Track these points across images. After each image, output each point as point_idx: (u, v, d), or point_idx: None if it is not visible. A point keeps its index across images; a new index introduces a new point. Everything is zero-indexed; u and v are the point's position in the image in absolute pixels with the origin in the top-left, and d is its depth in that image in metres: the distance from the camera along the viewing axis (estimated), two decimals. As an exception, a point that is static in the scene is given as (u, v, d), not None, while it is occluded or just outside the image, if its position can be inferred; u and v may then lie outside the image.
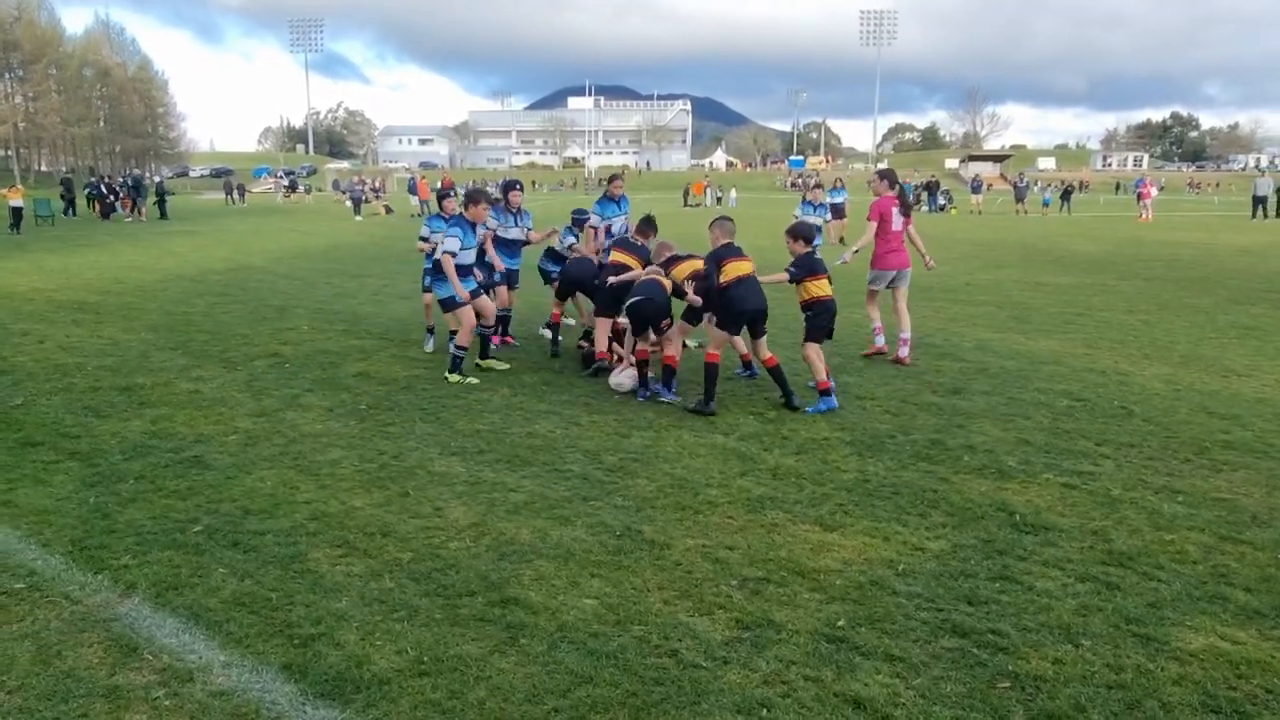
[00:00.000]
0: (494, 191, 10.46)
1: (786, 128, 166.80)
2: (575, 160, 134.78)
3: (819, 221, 17.94)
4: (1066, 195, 48.18)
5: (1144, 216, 38.21)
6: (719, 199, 59.93)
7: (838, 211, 25.32)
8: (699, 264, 7.49)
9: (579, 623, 3.77)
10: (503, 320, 9.47)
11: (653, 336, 7.79)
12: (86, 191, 42.02)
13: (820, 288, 7.36)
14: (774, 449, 6.18)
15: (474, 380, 7.99)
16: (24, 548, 4.47)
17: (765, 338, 7.44)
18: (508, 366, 8.58)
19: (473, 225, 8.24)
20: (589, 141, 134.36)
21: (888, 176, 9.29)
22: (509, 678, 3.36)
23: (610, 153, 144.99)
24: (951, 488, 5.43)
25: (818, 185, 22.38)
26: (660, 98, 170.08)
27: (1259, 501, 5.24)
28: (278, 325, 10.84)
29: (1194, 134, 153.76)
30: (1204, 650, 3.59)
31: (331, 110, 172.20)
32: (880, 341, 9.24)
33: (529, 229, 9.87)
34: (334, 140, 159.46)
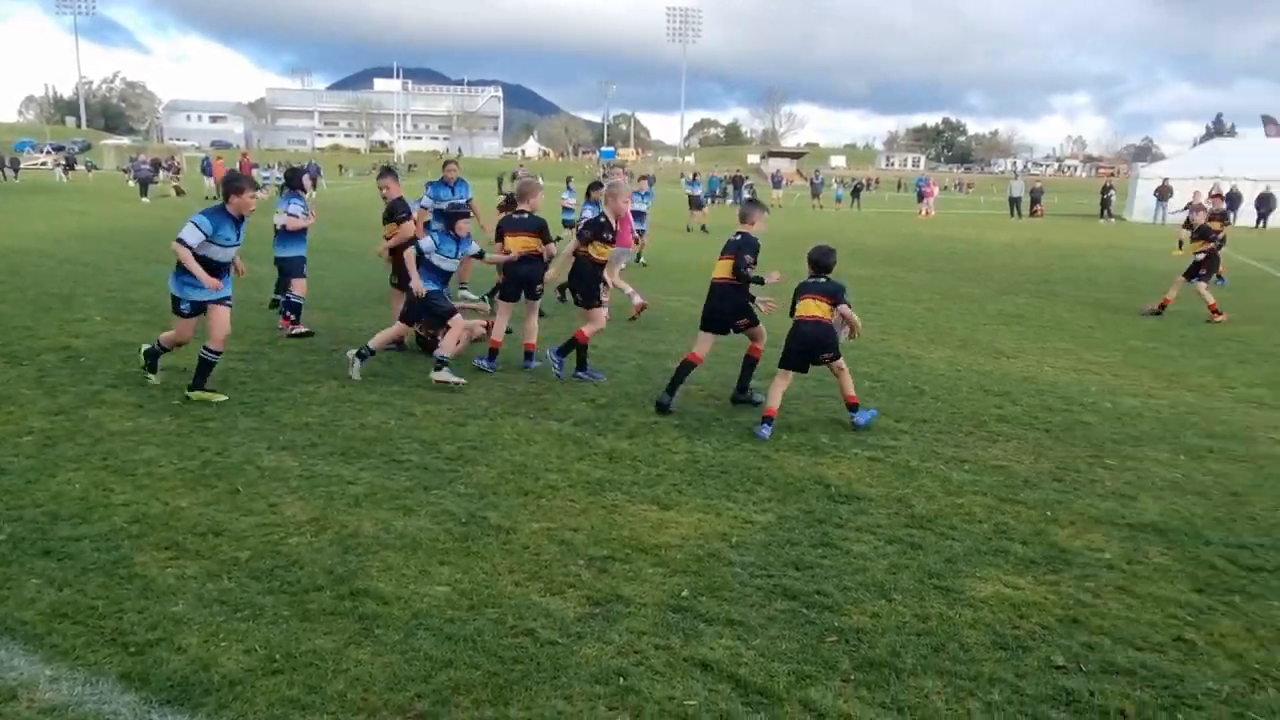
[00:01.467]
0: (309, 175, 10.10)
1: (597, 119, 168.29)
2: (383, 144, 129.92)
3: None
4: (856, 192, 51.73)
5: (924, 213, 41.78)
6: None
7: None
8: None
9: (433, 609, 3.81)
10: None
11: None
12: None
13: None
14: (607, 433, 6.40)
15: (221, 397, 6.81)
16: None
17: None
18: (225, 399, 6.82)
19: (237, 220, 6.74)
20: (397, 125, 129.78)
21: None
22: (367, 668, 3.37)
23: (420, 137, 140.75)
24: (774, 465, 5.86)
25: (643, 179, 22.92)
26: (471, 83, 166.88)
27: (1029, 467, 6.00)
28: (65, 316, 9.91)
29: (962, 139, 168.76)
30: (992, 597, 4.13)
31: (107, 80, 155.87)
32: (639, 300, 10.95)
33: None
34: (110, 113, 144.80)
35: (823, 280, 6.79)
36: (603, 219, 7.89)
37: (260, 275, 13.65)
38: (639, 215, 15.92)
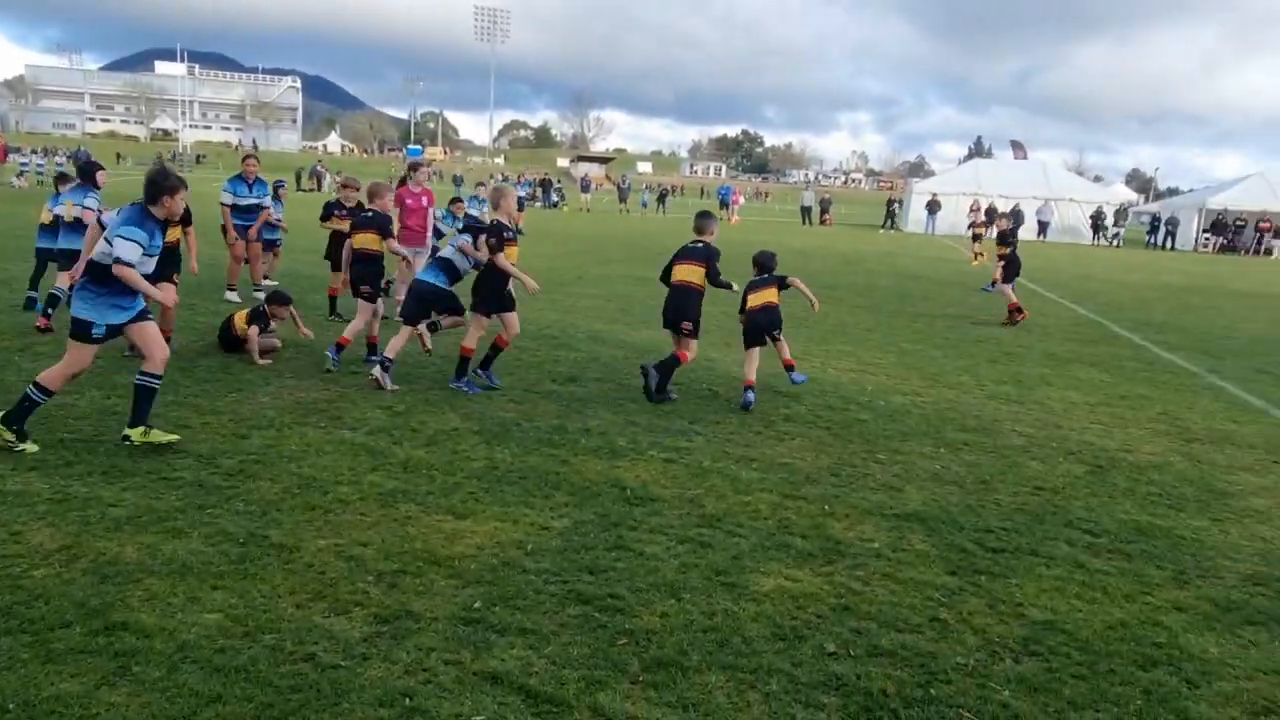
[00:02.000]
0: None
1: (403, 115, 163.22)
2: (166, 133, 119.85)
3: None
4: (662, 198, 53.17)
5: (732, 219, 43.60)
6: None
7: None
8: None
9: (202, 640, 3.55)
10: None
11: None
12: None
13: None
14: (404, 442, 6.23)
15: (173, 437, 5.82)
16: None
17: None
18: (177, 438, 5.85)
19: (164, 225, 5.89)
20: (183, 113, 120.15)
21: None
22: (121, 711, 3.09)
23: (209, 127, 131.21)
24: (572, 469, 5.90)
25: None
26: (266, 71, 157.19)
27: (811, 463, 6.38)
28: None
29: (759, 149, 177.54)
30: (774, 590, 4.35)
31: None
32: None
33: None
34: None
35: (767, 276, 8.46)
36: (498, 223, 7.61)
37: (11, 274, 12.23)
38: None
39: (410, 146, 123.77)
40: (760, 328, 8.16)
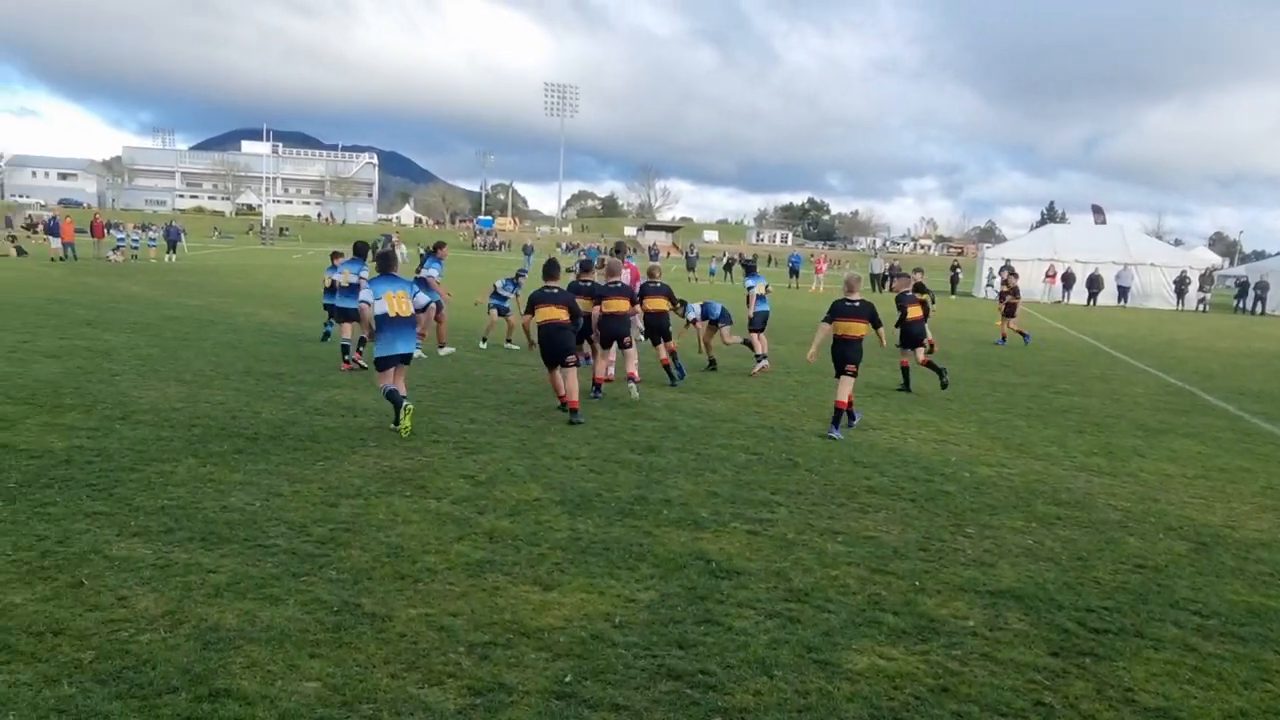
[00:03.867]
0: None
1: (474, 187, 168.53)
2: (250, 207, 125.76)
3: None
4: (729, 266, 53.39)
5: (812, 288, 43.61)
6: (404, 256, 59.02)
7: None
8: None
9: (301, 709, 3.60)
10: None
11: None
12: None
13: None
14: (488, 512, 6.29)
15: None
16: None
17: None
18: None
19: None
20: (266, 189, 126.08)
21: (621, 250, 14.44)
22: (227, 776, 3.14)
23: (290, 201, 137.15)
24: (655, 540, 5.88)
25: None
26: (345, 148, 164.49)
27: (897, 537, 6.24)
28: (-120, 390, 9.03)
29: (826, 217, 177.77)
30: (868, 669, 4.24)
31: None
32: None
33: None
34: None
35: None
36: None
37: (112, 345, 12.88)
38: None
39: (481, 218, 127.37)
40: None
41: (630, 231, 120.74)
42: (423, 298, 9.29)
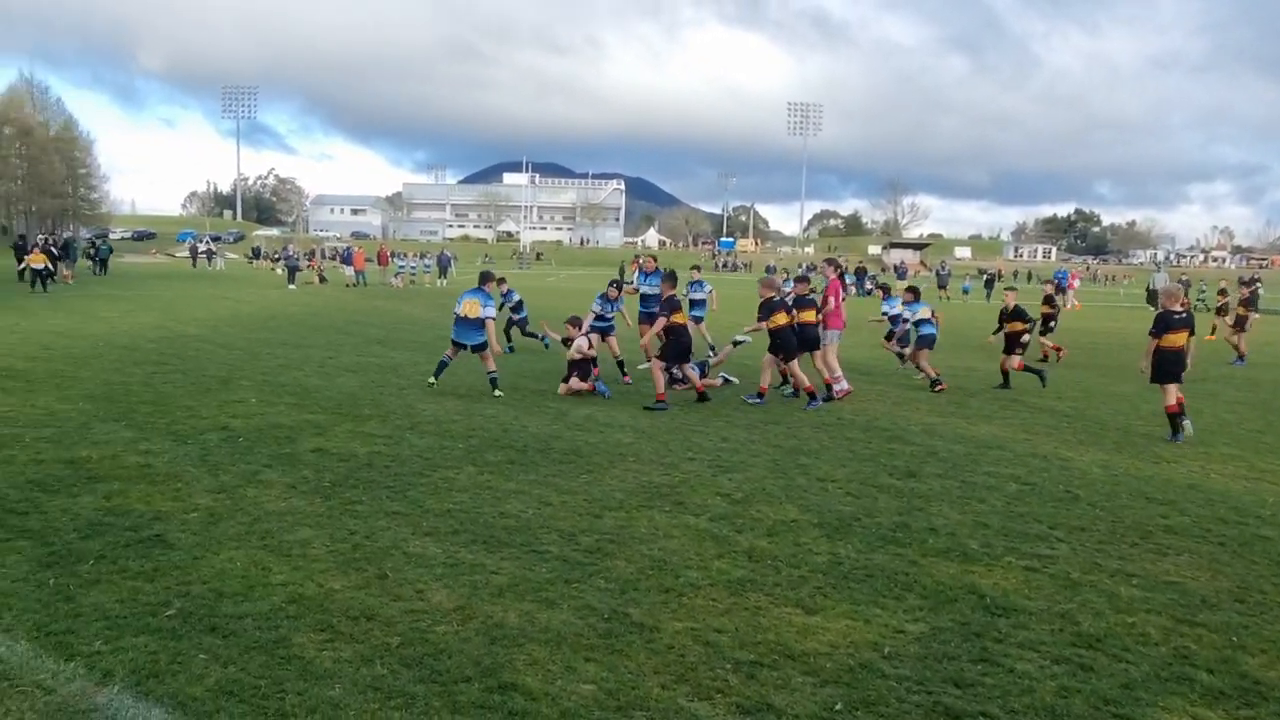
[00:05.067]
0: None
1: (716, 210, 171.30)
2: (509, 234, 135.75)
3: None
4: (990, 283, 50.20)
5: (1070, 305, 40.13)
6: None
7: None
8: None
9: (581, 709, 3.75)
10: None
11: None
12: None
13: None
14: (746, 531, 6.28)
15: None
16: (-15, 633, 4.26)
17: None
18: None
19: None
20: (524, 216, 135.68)
21: (834, 263, 13.57)
22: (517, 767, 3.32)
23: (544, 228, 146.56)
24: (921, 570, 5.59)
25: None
26: (594, 176, 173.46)
27: (1205, 585, 5.53)
28: (223, 397, 10.58)
29: (1096, 229, 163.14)
30: (1181, 731, 3.76)
31: (261, 177, 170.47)
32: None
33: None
34: (263, 207, 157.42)
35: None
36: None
37: (398, 362, 14.30)
38: (698, 304, 15.54)
39: (723, 240, 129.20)
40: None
41: (874, 250, 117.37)
42: (491, 309, 11.55)
